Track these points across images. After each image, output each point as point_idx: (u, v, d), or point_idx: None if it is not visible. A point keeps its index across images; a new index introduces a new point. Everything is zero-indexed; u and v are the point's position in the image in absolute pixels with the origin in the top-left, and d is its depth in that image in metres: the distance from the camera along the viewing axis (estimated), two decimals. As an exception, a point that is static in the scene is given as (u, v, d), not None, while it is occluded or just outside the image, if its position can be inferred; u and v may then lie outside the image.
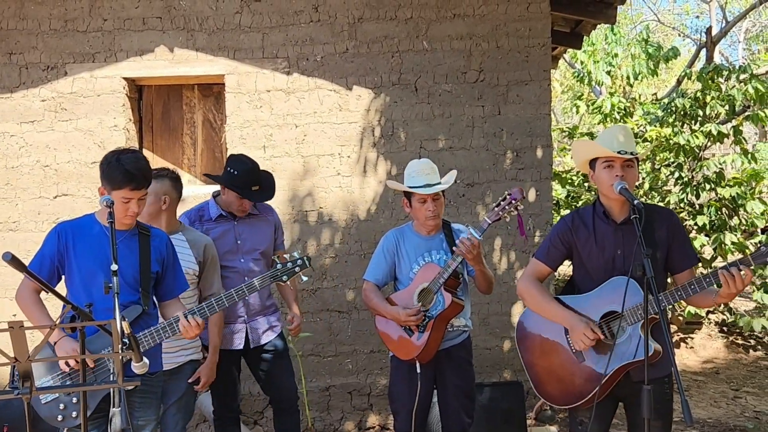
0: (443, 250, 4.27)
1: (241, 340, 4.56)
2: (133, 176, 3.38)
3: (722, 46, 21.64)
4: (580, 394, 3.40)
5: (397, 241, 4.34)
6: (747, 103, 9.40)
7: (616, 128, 3.50)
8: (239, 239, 4.55)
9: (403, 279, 4.30)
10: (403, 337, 4.18)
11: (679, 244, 3.44)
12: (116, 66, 6.07)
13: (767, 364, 8.69)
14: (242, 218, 4.58)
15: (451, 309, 4.11)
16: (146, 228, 3.64)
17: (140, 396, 3.52)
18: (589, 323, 3.33)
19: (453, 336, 4.28)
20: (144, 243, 3.56)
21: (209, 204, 4.62)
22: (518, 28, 6.16)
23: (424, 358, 4.14)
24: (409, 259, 4.28)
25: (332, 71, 6.12)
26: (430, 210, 4.18)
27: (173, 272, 3.70)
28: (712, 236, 8.67)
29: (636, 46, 11.14)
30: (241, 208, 4.50)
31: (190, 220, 4.55)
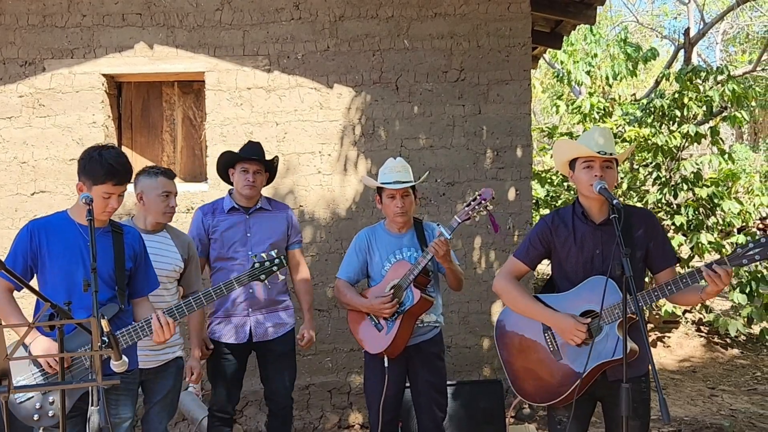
0: (414, 248, 4.35)
1: (242, 334, 4.57)
2: (116, 171, 3.36)
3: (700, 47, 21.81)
4: (557, 392, 3.42)
5: (369, 240, 4.43)
6: (724, 104, 9.49)
7: (596, 129, 3.53)
8: (249, 232, 4.59)
9: (376, 276, 4.39)
10: (373, 331, 4.28)
11: (658, 244, 3.47)
12: (95, 62, 6.02)
13: (743, 363, 8.78)
14: (254, 211, 4.62)
15: (420, 305, 4.18)
16: (118, 225, 3.62)
17: (117, 394, 3.51)
18: (575, 316, 3.35)
19: (424, 332, 4.35)
20: (117, 240, 3.55)
21: (224, 198, 4.68)
22: (499, 27, 6.18)
23: (392, 352, 4.22)
24: (381, 257, 4.37)
25: (313, 69, 6.11)
26: (398, 206, 4.27)
27: (145, 270, 3.69)
28: (689, 236, 8.75)
29: (615, 47, 11.21)
30: (246, 183, 4.52)
31: (204, 213, 4.63)
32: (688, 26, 16.30)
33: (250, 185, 4.53)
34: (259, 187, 4.60)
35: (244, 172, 4.53)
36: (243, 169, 4.54)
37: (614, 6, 24.83)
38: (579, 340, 3.32)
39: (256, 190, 4.58)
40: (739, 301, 8.76)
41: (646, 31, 23.89)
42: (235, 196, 4.64)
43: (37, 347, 3.35)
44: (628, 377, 3.04)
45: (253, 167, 4.54)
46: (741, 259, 3.12)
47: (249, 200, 4.61)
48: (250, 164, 4.54)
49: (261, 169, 4.60)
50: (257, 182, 4.57)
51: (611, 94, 12.00)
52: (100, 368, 2.61)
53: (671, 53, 15.31)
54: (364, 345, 4.35)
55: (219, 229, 4.56)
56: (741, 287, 8.79)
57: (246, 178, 4.53)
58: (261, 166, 4.59)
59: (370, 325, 4.30)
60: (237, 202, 4.61)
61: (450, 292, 5.81)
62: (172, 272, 4.15)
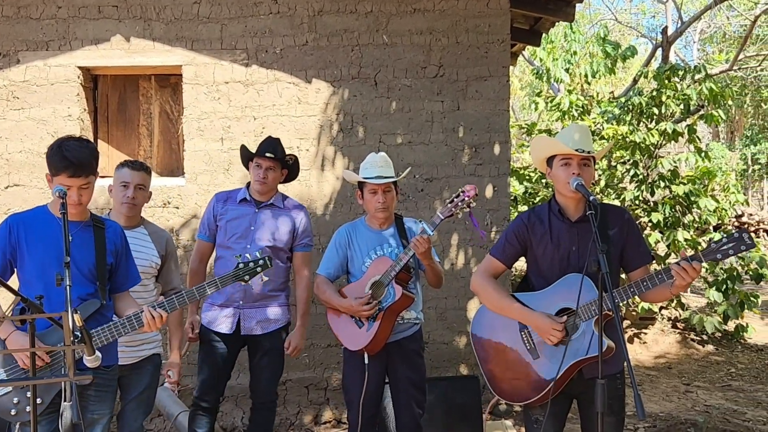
0: (395, 244, 4.34)
1: (230, 325, 4.55)
2: (69, 163, 3.26)
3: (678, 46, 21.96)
4: (534, 390, 3.41)
5: (349, 235, 4.42)
6: (701, 102, 9.57)
7: (574, 127, 3.53)
8: (253, 225, 4.58)
9: (356, 272, 4.37)
10: (353, 328, 4.26)
11: (633, 242, 3.47)
12: (70, 54, 5.95)
13: (718, 359, 8.86)
14: (264, 207, 4.62)
15: (401, 301, 4.17)
16: (100, 220, 3.58)
17: (95, 389, 3.47)
18: (551, 316, 3.35)
19: (404, 328, 4.34)
20: (99, 235, 3.50)
21: (241, 189, 4.72)
22: (478, 24, 6.18)
23: (372, 349, 4.21)
24: (362, 253, 4.35)
25: (291, 64, 6.08)
26: (380, 201, 4.26)
27: (126, 265, 3.65)
28: (666, 233, 8.82)
29: (594, 45, 11.26)
30: (259, 179, 4.54)
31: (217, 199, 4.70)
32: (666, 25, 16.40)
33: (261, 181, 4.55)
34: (270, 183, 4.60)
35: (258, 167, 4.56)
36: (257, 165, 4.57)
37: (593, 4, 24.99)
38: (556, 339, 3.32)
39: (267, 186, 4.59)
40: (715, 299, 8.86)
41: (624, 30, 24.05)
42: (251, 189, 4.67)
43: (12, 343, 3.31)
44: (603, 374, 3.04)
45: (265, 163, 4.55)
46: (715, 254, 3.14)
47: (261, 195, 4.63)
48: (263, 160, 4.55)
49: (275, 166, 4.59)
50: (269, 179, 4.57)
51: (590, 91, 12.06)
52: (72, 363, 2.58)
53: (649, 51, 15.40)
54: (344, 342, 4.33)
55: (225, 217, 4.60)
56: (717, 285, 8.88)
57: (258, 173, 4.55)
58: (274, 162, 4.58)
59: (351, 321, 4.27)
60: (251, 195, 4.64)
61: (428, 289, 5.81)
62: (148, 268, 4.11)
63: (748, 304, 8.99)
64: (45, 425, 3.34)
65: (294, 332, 4.72)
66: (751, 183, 25.22)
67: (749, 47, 19.91)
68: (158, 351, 4.24)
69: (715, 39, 24.68)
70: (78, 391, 3.20)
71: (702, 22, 21.44)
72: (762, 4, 16.49)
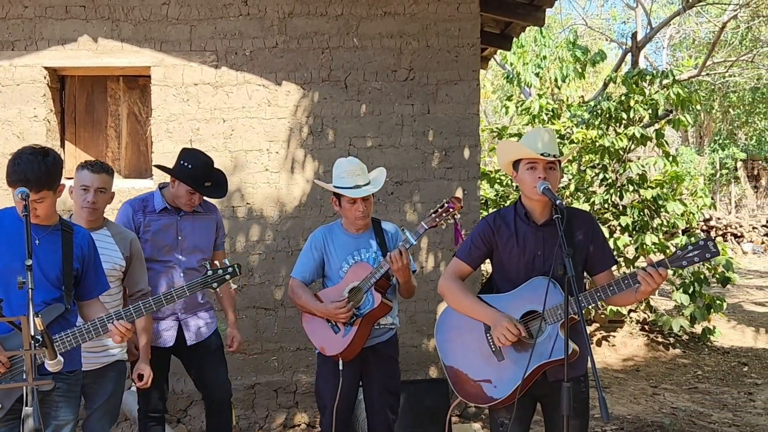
0: (373, 249, 4.29)
1: (171, 337, 4.50)
2: (21, 177, 3.21)
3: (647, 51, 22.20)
4: (498, 393, 3.42)
5: (325, 239, 4.32)
6: (669, 107, 9.68)
7: (539, 130, 3.54)
8: (180, 235, 4.49)
9: (333, 276, 4.29)
10: (329, 334, 4.19)
11: (597, 246, 3.50)
12: (37, 55, 5.88)
13: (685, 362, 8.95)
14: (186, 214, 4.51)
15: (380, 309, 4.13)
16: (69, 225, 3.53)
17: (59, 395, 3.42)
18: (511, 319, 3.36)
19: (380, 333, 4.30)
20: (67, 240, 3.46)
21: (154, 195, 4.54)
22: (448, 27, 6.20)
23: (347, 355, 4.15)
24: (339, 257, 4.27)
25: (261, 66, 6.05)
26: (360, 210, 4.19)
27: (95, 272, 3.59)
28: (634, 236, 8.91)
29: (564, 50, 11.35)
30: (189, 202, 4.43)
31: (134, 209, 4.46)
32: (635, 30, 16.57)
33: (191, 204, 4.46)
34: (198, 203, 4.51)
35: (191, 194, 4.42)
36: (190, 192, 4.42)
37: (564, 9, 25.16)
38: (505, 340, 3.31)
39: (195, 205, 4.50)
40: (682, 302, 8.96)
41: (595, 35, 24.26)
42: (168, 195, 4.51)
43: None
44: (570, 377, 3.06)
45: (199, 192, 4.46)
46: (681, 261, 3.18)
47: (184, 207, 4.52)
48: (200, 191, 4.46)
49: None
50: (196, 202, 4.49)
51: (560, 95, 12.14)
52: (31, 368, 2.55)
53: (619, 56, 15.55)
54: (319, 347, 4.25)
55: (151, 230, 4.42)
56: (684, 288, 8.98)
57: (192, 198, 4.43)
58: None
59: (327, 326, 4.19)
60: (169, 203, 4.49)
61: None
62: (112, 271, 3.99)
63: (715, 307, 9.10)
64: (5, 431, 3.29)
65: (231, 329, 4.71)
66: (719, 187, 25.53)
67: (718, 53, 20.18)
68: (122, 357, 4.15)
69: (684, 44, 24.99)
70: (41, 397, 3.16)
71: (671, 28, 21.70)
72: (730, 10, 16.73)
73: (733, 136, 28.06)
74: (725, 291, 12.12)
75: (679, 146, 25.88)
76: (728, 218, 21.54)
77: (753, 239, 20.90)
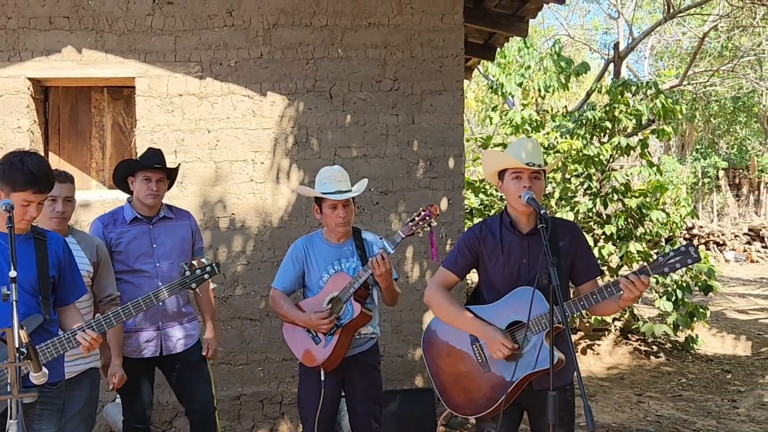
0: (353, 259, 4.30)
1: (153, 348, 4.47)
2: (37, 179, 3.25)
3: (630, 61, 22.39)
4: (485, 403, 3.43)
5: (306, 249, 4.33)
6: (653, 117, 9.76)
7: (524, 140, 3.57)
8: (155, 243, 4.46)
9: (313, 287, 4.30)
10: (310, 344, 4.20)
11: (582, 256, 3.53)
12: (20, 66, 5.86)
13: (669, 370, 9.00)
14: (158, 222, 4.49)
15: (360, 319, 4.14)
16: (42, 232, 3.51)
17: (41, 407, 3.39)
18: (504, 333, 3.37)
19: (361, 343, 4.31)
20: (40, 247, 3.43)
21: (124, 208, 4.52)
22: (432, 38, 6.23)
23: (329, 366, 4.17)
24: (319, 268, 4.28)
25: (246, 77, 6.06)
26: (341, 216, 4.20)
27: (72, 277, 3.57)
28: (618, 245, 8.96)
29: (548, 60, 11.42)
30: (150, 192, 4.39)
31: (104, 223, 4.44)
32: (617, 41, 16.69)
33: (153, 194, 4.40)
34: (162, 195, 4.48)
35: (147, 181, 4.39)
36: (145, 178, 4.40)
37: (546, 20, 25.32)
38: (501, 355, 3.34)
39: (159, 199, 4.46)
40: (665, 309, 9.01)
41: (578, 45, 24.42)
42: (136, 205, 4.49)
43: None
44: (556, 386, 3.07)
45: (156, 176, 4.42)
46: (663, 268, 3.20)
47: (151, 209, 4.48)
48: (153, 173, 4.41)
49: (164, 177, 4.48)
50: (160, 191, 4.44)
51: (544, 105, 12.21)
52: (15, 381, 2.53)
53: (602, 67, 15.66)
54: (300, 357, 4.26)
55: (123, 241, 4.39)
56: (667, 295, 9.04)
57: (149, 187, 4.39)
58: (163, 174, 4.48)
59: (307, 337, 4.20)
60: (138, 212, 4.47)
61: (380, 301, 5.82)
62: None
63: (698, 315, 9.16)
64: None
65: (208, 335, 4.67)
66: (702, 196, 25.72)
67: (699, 63, 20.36)
68: (95, 365, 4.14)
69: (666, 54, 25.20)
70: (23, 409, 3.14)
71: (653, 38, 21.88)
72: (710, 21, 16.90)
73: (715, 145, 28.31)
74: (708, 299, 12.22)
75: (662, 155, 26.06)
76: (710, 227, 21.71)
77: (735, 247, 21.07)
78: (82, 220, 5.66)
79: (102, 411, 5.35)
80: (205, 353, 4.64)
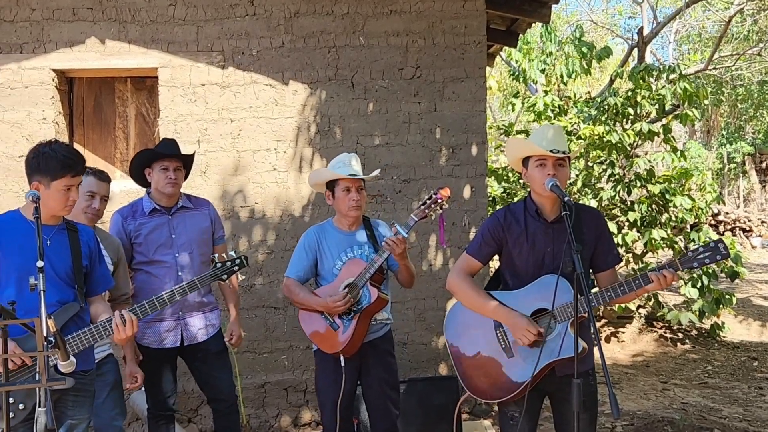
0: (365, 245, 4.31)
1: (174, 338, 4.50)
2: (73, 162, 3.34)
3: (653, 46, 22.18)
4: (508, 389, 3.43)
5: (318, 238, 4.33)
6: (676, 102, 9.65)
7: (548, 127, 3.55)
8: (174, 233, 4.48)
9: (326, 275, 4.30)
10: (329, 330, 4.21)
11: (603, 243, 3.51)
12: (45, 57, 5.91)
13: (694, 357, 8.94)
14: (177, 212, 4.52)
15: (377, 303, 4.15)
16: (73, 224, 3.57)
17: (74, 394, 3.45)
18: (529, 319, 3.37)
19: (376, 329, 4.32)
20: (74, 238, 3.50)
21: (143, 200, 4.55)
22: (454, 25, 6.20)
23: (348, 351, 4.18)
24: (332, 255, 4.28)
25: (268, 66, 6.07)
26: (354, 199, 4.21)
27: (101, 268, 3.65)
28: (642, 232, 8.89)
29: (570, 45, 11.32)
30: (168, 181, 4.40)
31: (123, 216, 4.48)
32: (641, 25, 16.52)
33: (172, 183, 4.41)
34: (180, 184, 4.49)
35: (164, 170, 4.40)
36: (163, 168, 4.41)
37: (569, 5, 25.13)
38: (527, 341, 3.34)
39: (178, 187, 4.47)
40: (691, 296, 8.93)
41: (600, 30, 24.20)
42: (155, 196, 4.50)
43: None
44: (578, 371, 3.07)
45: (173, 164, 4.43)
46: (692, 263, 3.23)
47: (170, 199, 4.49)
48: (170, 162, 4.42)
49: (180, 166, 4.49)
50: (179, 179, 4.45)
51: (566, 92, 12.12)
52: (44, 369, 2.57)
53: (625, 52, 15.52)
54: (319, 345, 4.28)
55: (142, 232, 4.42)
56: (692, 282, 8.96)
57: (167, 176, 4.40)
58: (180, 162, 4.49)
59: (325, 324, 4.22)
60: (157, 203, 4.49)
61: (405, 290, 5.82)
62: None
63: (724, 302, 9.08)
64: (24, 430, 3.31)
65: (232, 322, 4.69)
66: (728, 181, 25.45)
67: (724, 46, 20.11)
68: (111, 351, 4.25)
69: (690, 39, 24.91)
70: (55, 397, 3.19)
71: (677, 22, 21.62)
72: (736, 4, 16.66)
73: (741, 130, 27.96)
74: (734, 286, 12.11)
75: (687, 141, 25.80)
76: (736, 213, 21.46)
77: (761, 233, 20.82)
78: (106, 210, 5.69)
79: (129, 398, 5.41)
80: (228, 339, 4.66)
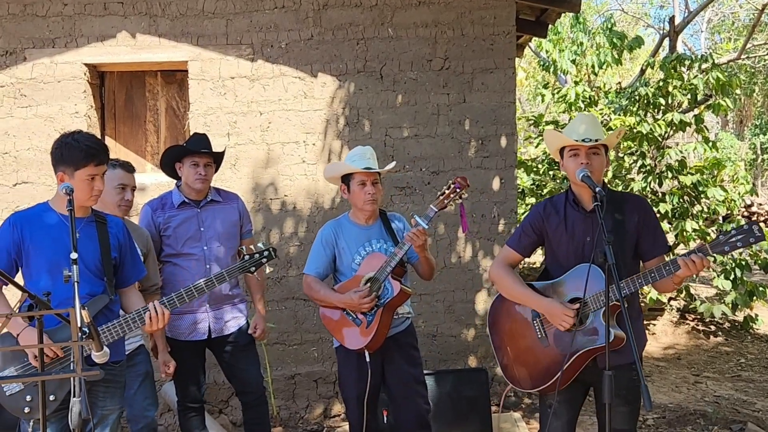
0: (383, 239, 4.27)
1: (202, 330, 4.52)
2: (96, 151, 3.36)
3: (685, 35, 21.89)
4: (544, 378, 3.45)
5: (335, 233, 4.29)
6: (709, 92, 9.52)
7: (580, 117, 3.55)
8: (202, 226, 4.50)
9: (345, 270, 4.26)
10: (351, 326, 4.17)
11: (649, 232, 3.48)
12: (77, 52, 5.97)
13: (727, 350, 8.84)
14: (206, 205, 4.54)
15: (400, 297, 4.11)
16: (102, 216, 3.59)
17: (105, 385, 3.49)
18: (566, 304, 3.37)
19: (398, 323, 4.29)
20: (102, 230, 3.52)
21: (172, 192, 4.58)
22: (483, 15, 6.17)
23: (373, 346, 4.13)
24: (350, 250, 4.25)
25: (297, 58, 6.08)
26: (370, 193, 4.17)
27: (132, 258, 3.67)
28: (674, 223, 8.80)
29: (600, 35, 11.21)
30: (198, 177, 4.42)
31: (153, 208, 4.51)
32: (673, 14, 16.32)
33: (202, 179, 4.42)
34: (209, 179, 4.50)
35: (195, 166, 4.42)
36: (193, 163, 4.43)
37: (600, -6, 24.85)
38: (567, 325, 3.34)
39: (207, 183, 4.49)
40: (724, 288, 8.82)
41: (631, 20, 23.95)
42: (184, 189, 4.52)
43: (24, 339, 3.32)
44: (617, 364, 3.11)
45: (203, 160, 4.44)
46: (723, 246, 3.15)
47: (199, 193, 4.51)
48: (200, 157, 4.44)
49: (211, 162, 4.50)
50: (208, 175, 4.47)
51: (597, 82, 12.01)
52: (79, 359, 2.60)
53: (656, 41, 15.33)
54: (343, 341, 4.22)
55: (171, 225, 4.45)
56: (725, 274, 8.85)
57: (197, 171, 4.41)
58: (210, 158, 4.50)
59: (348, 320, 4.18)
60: (187, 196, 4.51)
61: (436, 282, 5.83)
62: None
63: (758, 294, 8.96)
64: (56, 422, 3.36)
65: (257, 316, 4.69)
66: (761, 172, 25.09)
67: (758, 35, 19.80)
68: (142, 342, 4.32)
69: (723, 28, 24.56)
70: (87, 387, 3.23)
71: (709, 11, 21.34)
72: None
73: (774, 120, 27.53)
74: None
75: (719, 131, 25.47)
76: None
77: (796, 225, 20.52)
78: (137, 203, 5.74)
79: (161, 390, 5.47)
80: (252, 331, 4.65)
